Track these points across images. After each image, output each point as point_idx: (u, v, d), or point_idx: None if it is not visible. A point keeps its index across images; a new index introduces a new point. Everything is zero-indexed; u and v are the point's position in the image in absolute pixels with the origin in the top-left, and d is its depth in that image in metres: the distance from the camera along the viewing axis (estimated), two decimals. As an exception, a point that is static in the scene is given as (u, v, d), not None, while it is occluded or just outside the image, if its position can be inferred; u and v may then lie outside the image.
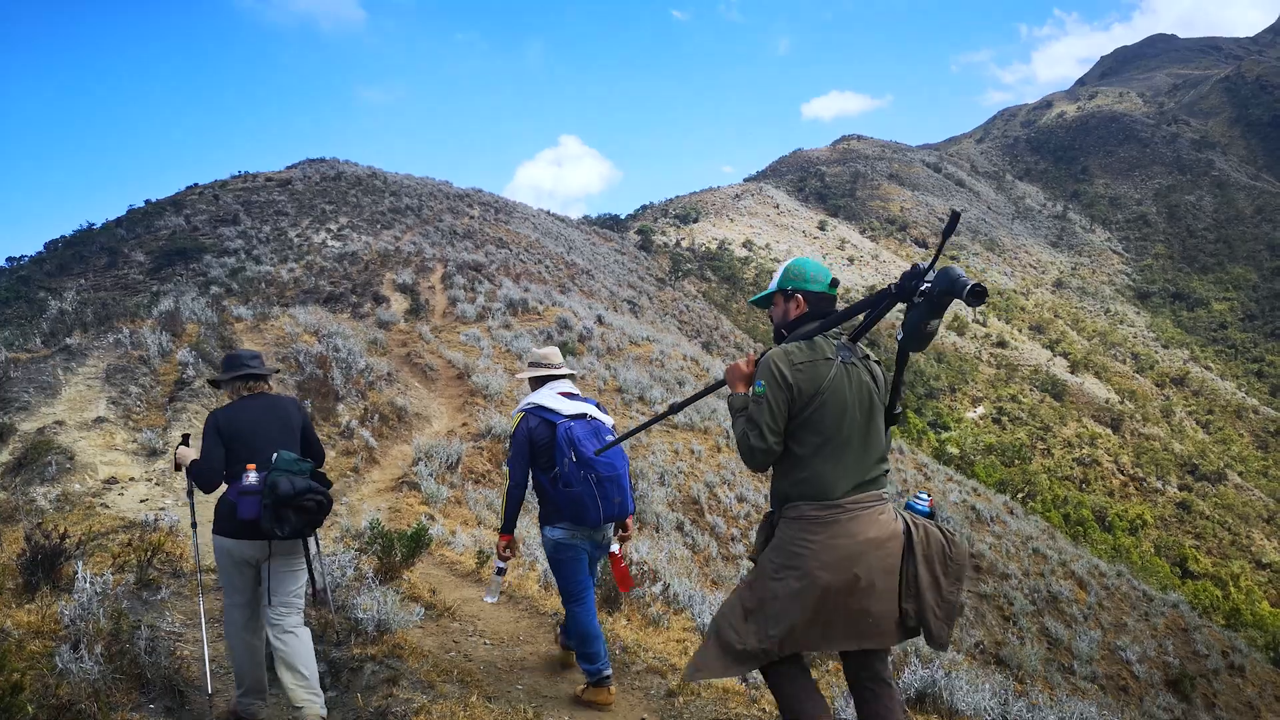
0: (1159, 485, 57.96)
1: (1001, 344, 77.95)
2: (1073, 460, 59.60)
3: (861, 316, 2.94)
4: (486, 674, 4.57)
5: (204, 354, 12.47)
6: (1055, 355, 79.15)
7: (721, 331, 53.01)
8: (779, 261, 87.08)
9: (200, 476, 3.82)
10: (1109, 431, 65.00)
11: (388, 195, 48.48)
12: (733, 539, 13.35)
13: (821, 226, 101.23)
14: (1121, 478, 58.45)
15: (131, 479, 8.55)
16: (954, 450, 52.68)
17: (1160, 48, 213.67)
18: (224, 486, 3.84)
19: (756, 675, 4.93)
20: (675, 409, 3.63)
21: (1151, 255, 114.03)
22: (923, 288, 2.64)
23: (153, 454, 9.03)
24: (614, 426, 4.40)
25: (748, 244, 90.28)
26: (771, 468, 3.00)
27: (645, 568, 7.53)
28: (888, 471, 3.02)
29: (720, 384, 3.32)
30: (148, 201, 46.94)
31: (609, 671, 4.29)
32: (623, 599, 6.30)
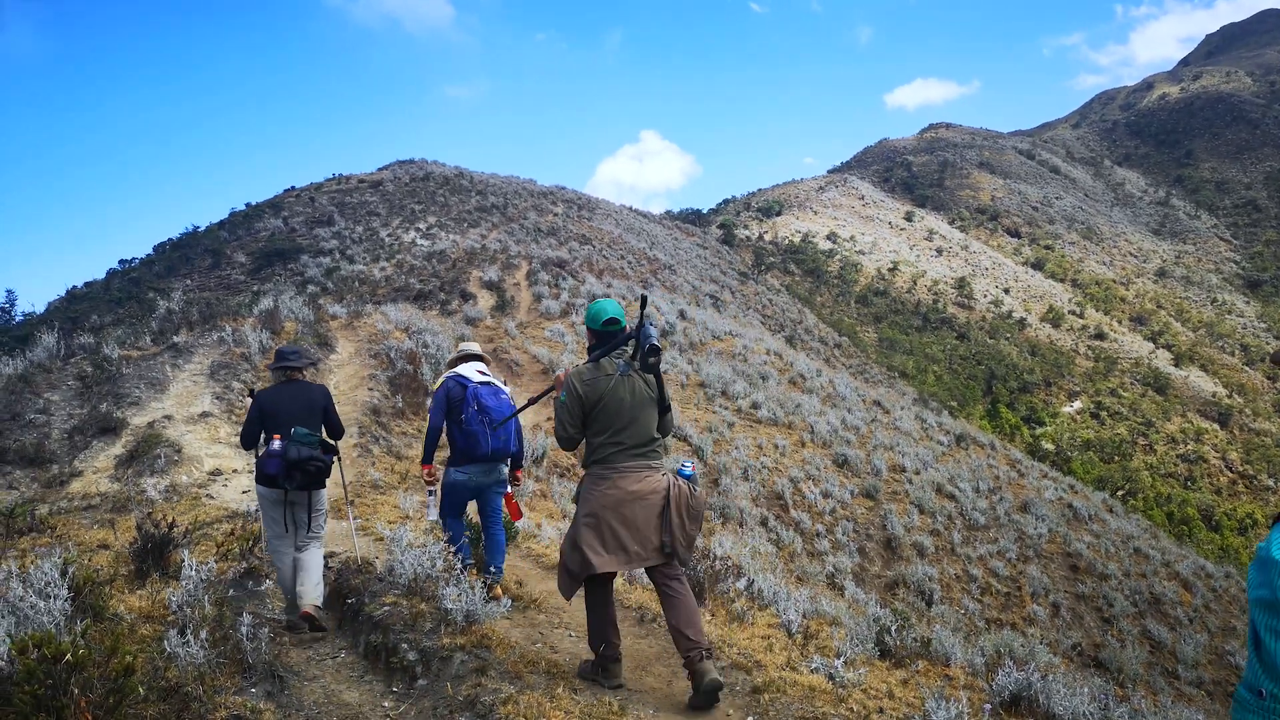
0: (1271, 483, 54.98)
1: (1099, 336, 74.98)
2: (1177, 457, 56.97)
3: (632, 344, 4.26)
4: (572, 665, 4.61)
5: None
6: (1158, 347, 75.69)
7: (805, 325, 52.34)
8: (863, 254, 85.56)
9: (242, 438, 5.38)
10: (1216, 427, 61.92)
11: (474, 194, 49.31)
12: (818, 535, 13.20)
13: (908, 217, 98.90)
14: (1230, 475, 55.63)
15: (234, 471, 8.90)
16: (1049, 446, 50.99)
17: (1271, 23, 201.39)
18: (263, 447, 5.20)
19: (844, 674, 4.91)
20: (531, 402, 4.91)
21: (1262, 242, 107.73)
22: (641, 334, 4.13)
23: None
24: (510, 393, 6.08)
25: (832, 236, 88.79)
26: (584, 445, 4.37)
27: (729, 563, 7.50)
28: (659, 447, 4.37)
29: (551, 390, 4.54)
30: (248, 204, 48.73)
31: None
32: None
